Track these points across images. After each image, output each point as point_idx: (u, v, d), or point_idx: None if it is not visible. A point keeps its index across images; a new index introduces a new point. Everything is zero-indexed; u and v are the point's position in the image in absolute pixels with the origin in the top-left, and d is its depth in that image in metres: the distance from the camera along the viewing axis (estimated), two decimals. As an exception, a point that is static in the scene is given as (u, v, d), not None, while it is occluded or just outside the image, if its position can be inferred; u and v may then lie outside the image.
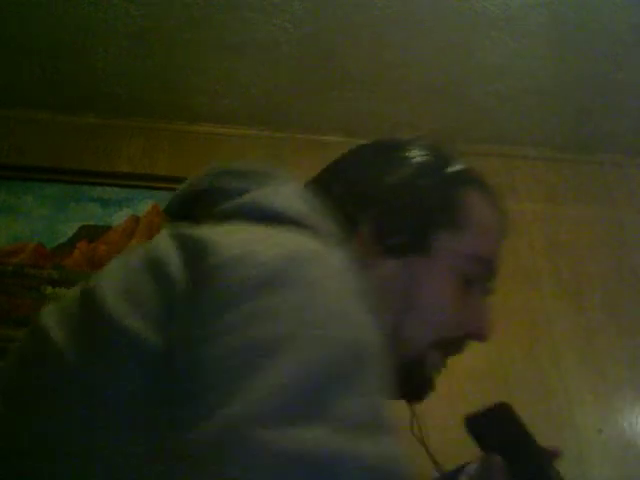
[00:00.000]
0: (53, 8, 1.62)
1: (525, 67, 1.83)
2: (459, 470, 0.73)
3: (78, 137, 1.97)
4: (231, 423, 0.36)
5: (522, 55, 1.79)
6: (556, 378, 1.81)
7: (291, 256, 0.45)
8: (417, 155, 0.70)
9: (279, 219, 0.53)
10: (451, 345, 0.68)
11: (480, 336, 0.68)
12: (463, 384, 1.67)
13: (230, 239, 0.48)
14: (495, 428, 0.71)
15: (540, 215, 2.06)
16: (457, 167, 0.70)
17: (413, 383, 0.67)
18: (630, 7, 1.65)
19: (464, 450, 0.74)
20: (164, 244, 0.49)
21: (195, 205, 0.63)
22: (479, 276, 0.68)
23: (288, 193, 0.57)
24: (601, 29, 1.71)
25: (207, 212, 0.59)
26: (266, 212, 0.54)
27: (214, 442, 0.36)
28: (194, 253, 0.47)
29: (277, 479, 0.33)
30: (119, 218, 1.85)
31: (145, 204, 1.88)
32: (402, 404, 0.73)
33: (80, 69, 1.82)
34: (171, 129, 2.03)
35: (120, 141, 1.98)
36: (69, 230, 1.80)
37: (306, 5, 1.63)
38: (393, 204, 0.66)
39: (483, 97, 1.94)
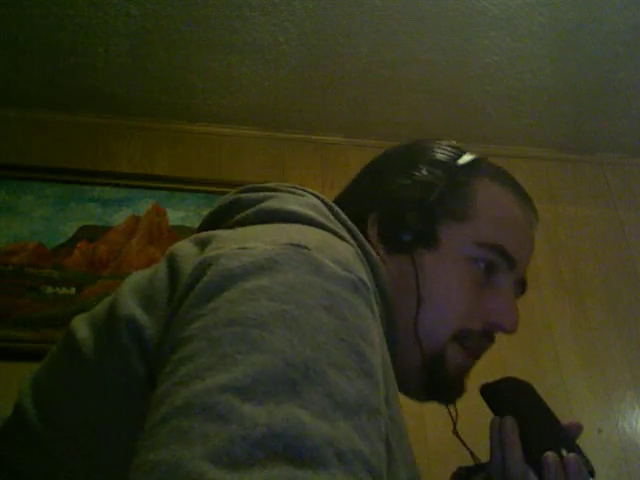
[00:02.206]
0: (53, 8, 1.62)
1: (525, 67, 1.84)
2: (479, 467, 0.71)
3: (78, 137, 1.97)
4: (205, 391, 0.35)
5: (522, 55, 1.79)
6: (556, 378, 1.81)
7: (296, 242, 0.45)
8: (430, 154, 0.71)
9: (288, 219, 0.54)
10: (475, 339, 0.66)
11: (503, 326, 0.66)
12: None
13: (236, 234, 0.50)
14: (514, 396, 0.69)
15: (540, 215, 2.06)
16: (466, 159, 0.71)
17: (438, 382, 0.65)
18: (630, 7, 1.65)
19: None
20: (182, 243, 0.53)
21: (221, 217, 0.65)
22: (498, 265, 0.66)
23: (296, 200, 0.58)
24: (601, 29, 1.71)
25: (225, 223, 0.61)
26: (275, 214, 0.55)
27: (182, 404, 0.35)
28: (202, 247, 0.50)
29: (241, 447, 0.32)
30: (119, 218, 1.85)
31: (145, 204, 1.88)
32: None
33: (80, 69, 1.82)
34: (170, 129, 2.03)
35: (120, 141, 1.98)
36: (69, 230, 1.80)
37: (306, 4, 1.63)
38: (399, 201, 0.67)
39: (483, 97, 1.94)
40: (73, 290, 1.70)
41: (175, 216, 1.87)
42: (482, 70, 1.84)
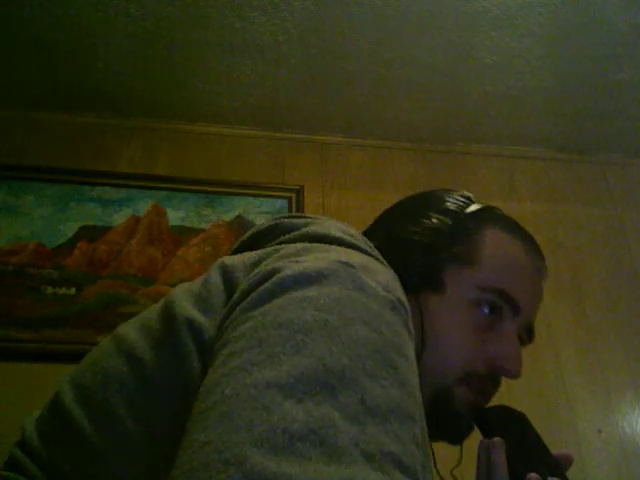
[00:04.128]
0: (53, 8, 1.62)
1: (525, 67, 1.84)
2: None
3: (78, 137, 1.97)
4: (252, 383, 0.38)
5: (522, 55, 1.79)
6: (556, 378, 1.81)
7: (343, 261, 0.49)
8: (440, 203, 0.74)
9: (337, 243, 0.58)
10: (482, 382, 0.67)
11: (506, 372, 0.68)
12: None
13: (289, 249, 0.55)
14: (506, 421, 0.69)
15: (540, 215, 2.06)
16: (475, 207, 0.74)
17: (444, 421, 0.66)
18: (630, 7, 1.65)
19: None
20: (232, 257, 0.58)
21: (260, 240, 0.67)
22: (502, 309, 0.68)
23: (337, 227, 0.62)
24: (601, 29, 1.71)
25: (267, 244, 0.64)
26: (321, 238, 0.59)
27: (231, 393, 0.38)
28: (256, 261, 0.55)
29: (277, 442, 0.35)
30: (119, 218, 1.85)
31: (145, 204, 1.88)
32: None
33: (80, 69, 1.82)
34: (171, 129, 2.03)
35: (120, 141, 1.98)
36: (69, 230, 1.80)
37: (306, 4, 1.63)
38: (408, 246, 0.70)
39: (483, 97, 1.94)
40: (73, 290, 1.70)
41: (175, 216, 1.87)
42: (482, 70, 1.84)
